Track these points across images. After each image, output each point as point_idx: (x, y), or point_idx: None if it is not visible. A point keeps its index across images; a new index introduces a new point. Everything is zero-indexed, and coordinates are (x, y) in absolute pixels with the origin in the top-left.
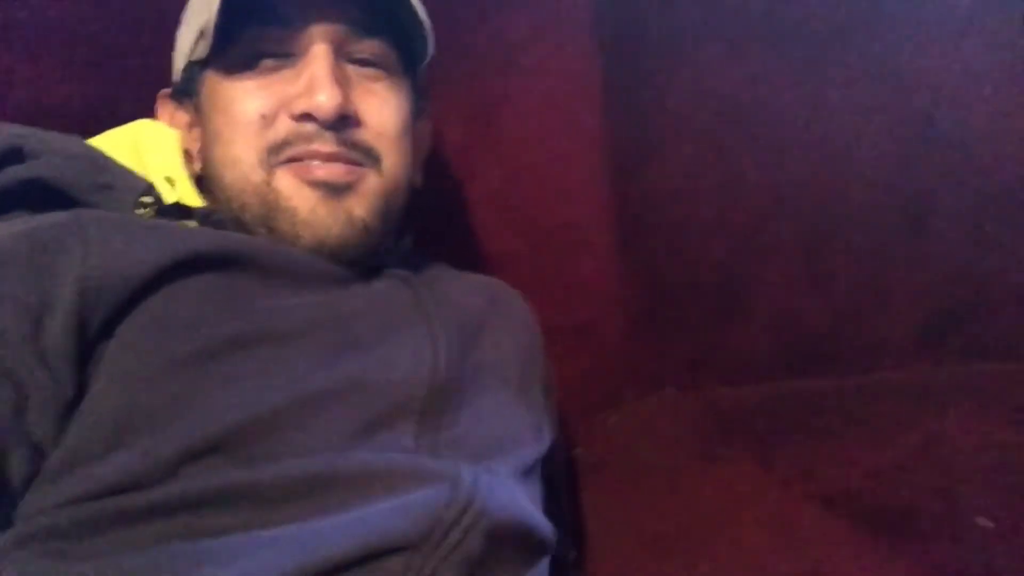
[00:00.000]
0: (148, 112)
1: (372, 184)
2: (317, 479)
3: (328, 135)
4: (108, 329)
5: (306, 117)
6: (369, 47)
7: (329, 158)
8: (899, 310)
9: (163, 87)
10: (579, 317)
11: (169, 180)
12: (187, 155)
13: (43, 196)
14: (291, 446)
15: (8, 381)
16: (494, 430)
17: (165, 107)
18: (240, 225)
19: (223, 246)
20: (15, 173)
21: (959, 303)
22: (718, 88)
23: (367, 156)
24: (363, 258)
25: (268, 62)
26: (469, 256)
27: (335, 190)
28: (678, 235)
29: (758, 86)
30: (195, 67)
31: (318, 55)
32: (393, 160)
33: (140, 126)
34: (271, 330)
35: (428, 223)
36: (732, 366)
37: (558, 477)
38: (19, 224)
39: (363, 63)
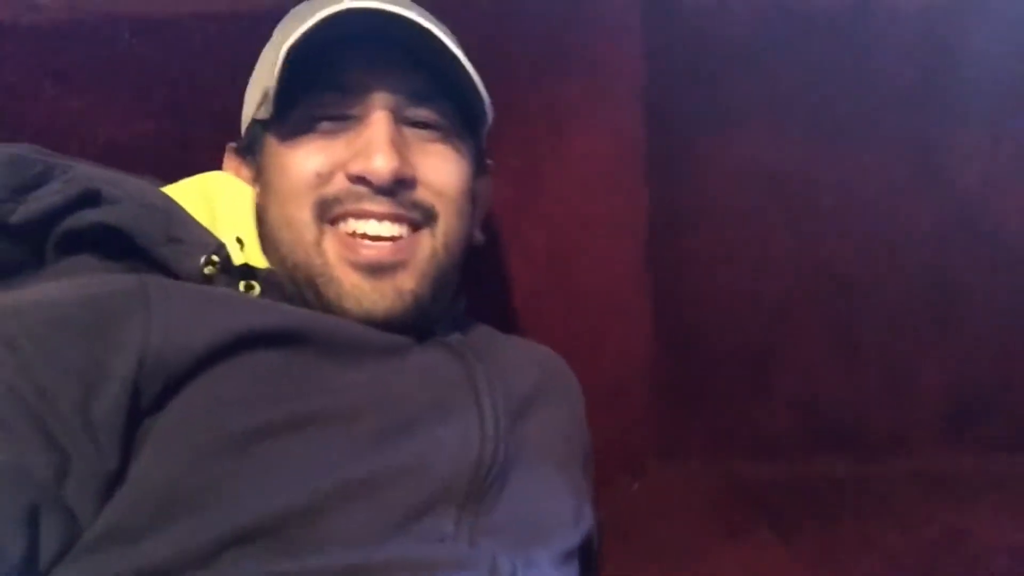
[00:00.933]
0: (221, 155)
1: (424, 251)
2: (357, 571)
3: (382, 198)
4: (161, 402)
5: (360, 179)
6: (427, 112)
7: (383, 218)
8: (926, 397)
9: (236, 133)
10: (608, 380)
11: (239, 240)
12: (257, 211)
13: (112, 240)
14: (333, 534)
15: (53, 449)
16: (534, 515)
17: (231, 161)
18: (295, 286)
19: (281, 323)
20: (89, 216)
21: (986, 393)
22: (759, 165)
23: (424, 215)
24: (414, 324)
25: (327, 124)
26: (506, 313)
27: (381, 270)
28: (711, 307)
29: (798, 165)
30: (258, 126)
31: (377, 120)
32: (449, 220)
33: (214, 179)
34: (322, 412)
35: (469, 277)
36: (757, 442)
37: (594, 557)
38: (83, 281)
39: (422, 126)
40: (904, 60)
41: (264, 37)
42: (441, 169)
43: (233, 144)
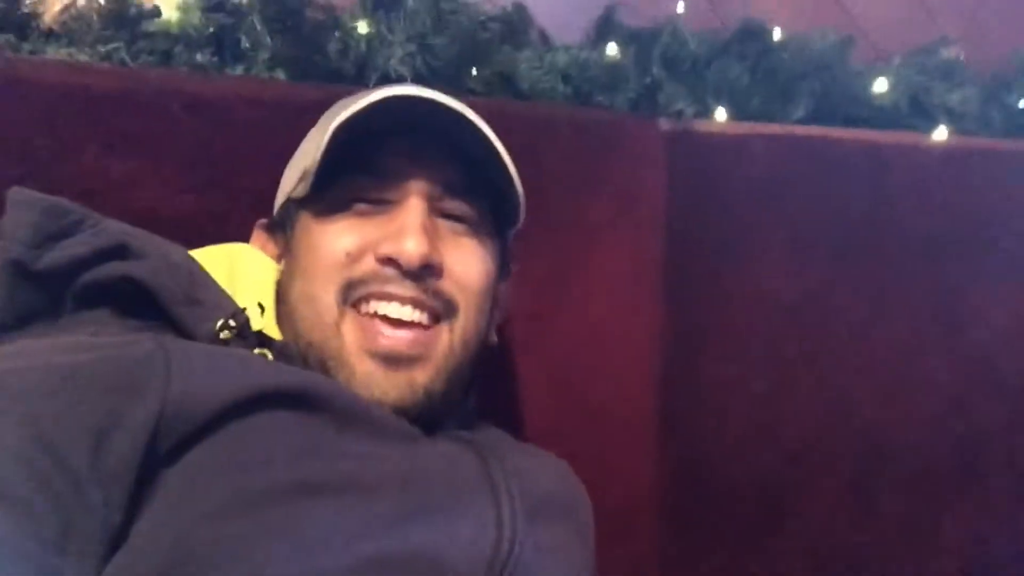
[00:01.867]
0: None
1: (442, 346)
2: None
3: (408, 283)
4: (176, 456)
5: (390, 261)
6: (461, 206)
7: (407, 302)
8: (945, 556)
9: (271, 214)
10: (613, 505)
11: (261, 306)
12: (279, 286)
13: (131, 297)
14: None
15: (57, 513)
16: None
17: (259, 237)
18: (306, 364)
19: (301, 384)
20: (115, 268)
21: (1009, 554)
22: (777, 296)
23: (445, 307)
24: (422, 418)
25: (362, 206)
26: (517, 421)
27: (396, 361)
28: (724, 438)
29: (817, 300)
30: (292, 204)
31: (412, 207)
32: (470, 316)
33: (239, 249)
34: (339, 480)
35: (484, 380)
36: None
37: None
38: (97, 338)
39: (454, 219)
40: (922, 208)
41: (306, 127)
42: (468, 263)
43: (263, 221)
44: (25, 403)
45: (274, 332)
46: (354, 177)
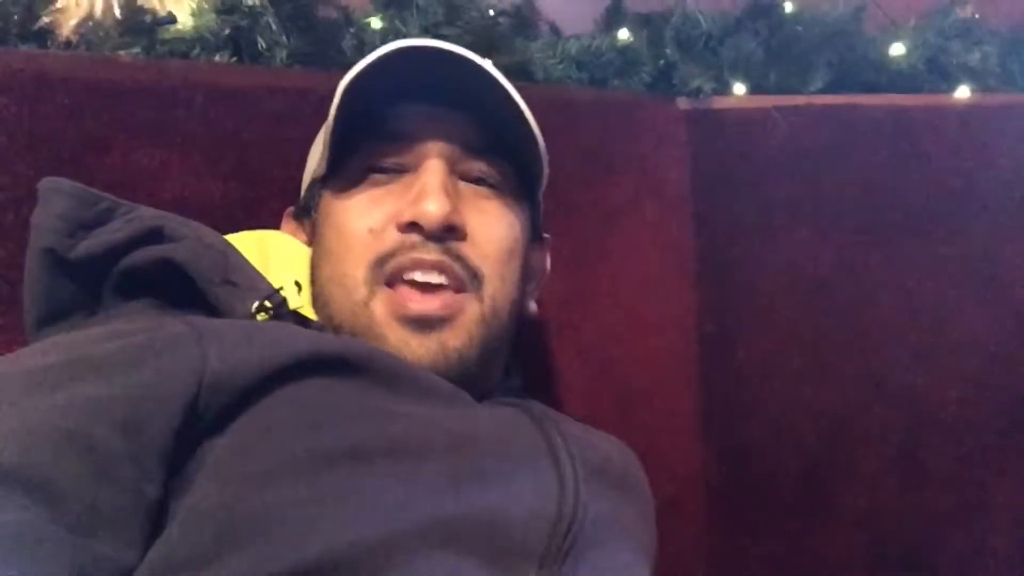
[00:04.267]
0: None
1: (471, 314)
2: None
3: (432, 245)
4: (219, 427)
5: (412, 226)
6: (482, 166)
7: (432, 266)
8: (998, 517)
9: (297, 201)
10: (659, 492)
11: (298, 284)
12: (311, 269)
13: (170, 283)
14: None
15: (83, 490)
16: None
17: (288, 225)
18: None
19: (344, 349)
20: (151, 252)
21: None
22: (808, 271)
23: (470, 276)
24: (465, 384)
25: (380, 177)
26: (559, 407)
27: (428, 324)
28: (764, 418)
29: (848, 271)
30: (315, 185)
31: (430, 167)
32: (497, 285)
33: (272, 234)
34: (393, 443)
35: (523, 370)
36: (819, 565)
37: None
38: (139, 325)
39: (476, 181)
40: (948, 169)
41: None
42: (492, 227)
43: (292, 208)
44: (55, 393)
45: (309, 313)
46: (369, 144)
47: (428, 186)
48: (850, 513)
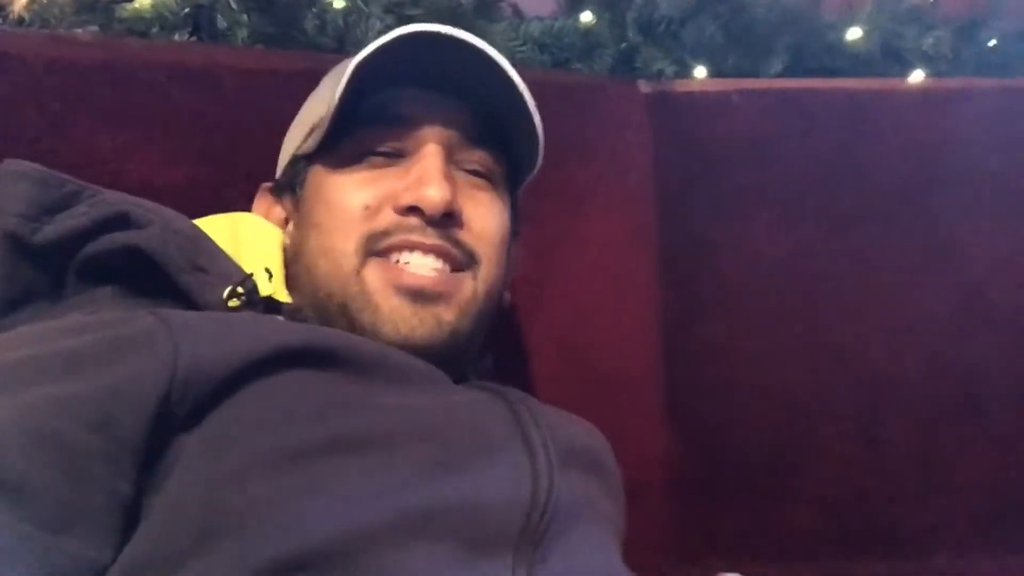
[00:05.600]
0: (248, 205)
1: (466, 291)
2: None
3: (431, 230)
4: (192, 422)
5: (412, 210)
6: (478, 156)
7: (430, 250)
8: (956, 493)
9: (264, 183)
10: (627, 473)
11: (268, 272)
12: (284, 251)
13: (136, 269)
14: (388, 567)
15: (55, 488)
16: (593, 574)
17: (263, 200)
18: (324, 321)
19: (319, 340)
20: (116, 239)
21: (1016, 489)
22: (768, 255)
23: (468, 257)
24: (450, 363)
25: (377, 159)
26: (529, 390)
27: (424, 297)
28: (728, 399)
29: (810, 253)
30: (301, 161)
31: (429, 153)
32: (490, 268)
33: (241, 217)
34: (368, 434)
35: (496, 354)
36: (783, 543)
37: None
38: (109, 318)
39: (470, 172)
40: (904, 151)
41: (297, 95)
42: (486, 216)
43: (268, 184)
44: (24, 390)
45: (283, 297)
46: (367, 127)
47: (429, 171)
48: (813, 491)
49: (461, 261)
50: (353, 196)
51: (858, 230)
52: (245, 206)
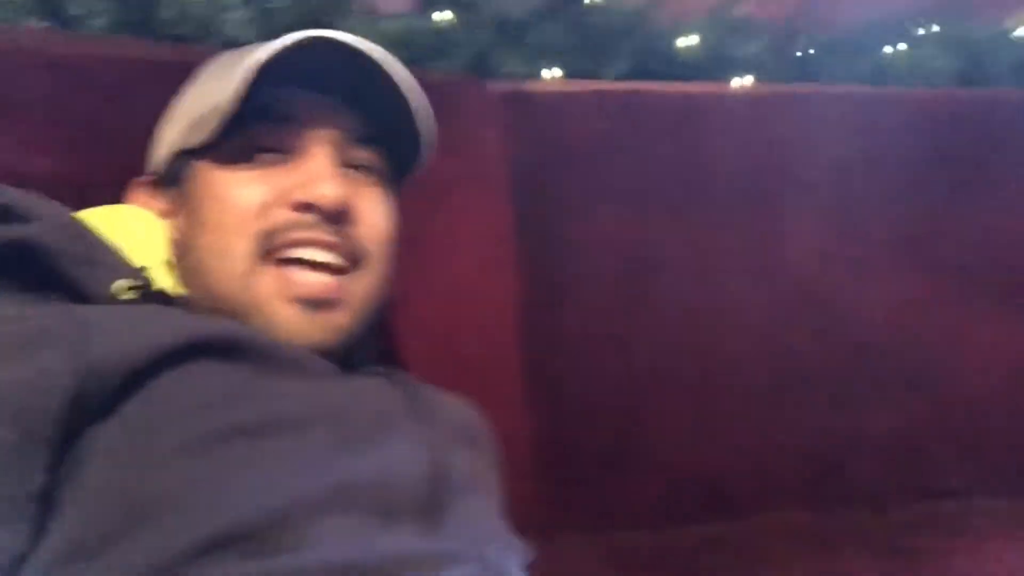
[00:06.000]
0: (115, 199)
1: (359, 291)
2: (348, 569)
3: (326, 227)
4: (107, 413)
5: (307, 207)
6: (365, 155)
7: (326, 246)
8: (782, 458)
9: (138, 173)
10: None
11: (167, 264)
12: (172, 245)
13: (27, 263)
14: (308, 539)
15: None
16: (492, 537)
17: (140, 194)
18: (217, 315)
19: (224, 333)
20: (10, 233)
21: (833, 453)
22: (614, 246)
23: (360, 255)
24: (341, 357)
25: (266, 156)
26: None
27: (317, 305)
28: (581, 382)
29: (650, 247)
30: (184, 156)
31: (321, 152)
32: (382, 265)
33: (123, 209)
34: (279, 418)
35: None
36: (632, 512)
37: None
38: (11, 313)
39: (359, 168)
40: (736, 150)
41: (167, 88)
42: (377, 213)
43: (144, 178)
44: None
45: (175, 290)
46: (256, 125)
47: (322, 169)
48: (657, 463)
49: (355, 258)
50: (246, 193)
51: (695, 223)
52: (117, 196)
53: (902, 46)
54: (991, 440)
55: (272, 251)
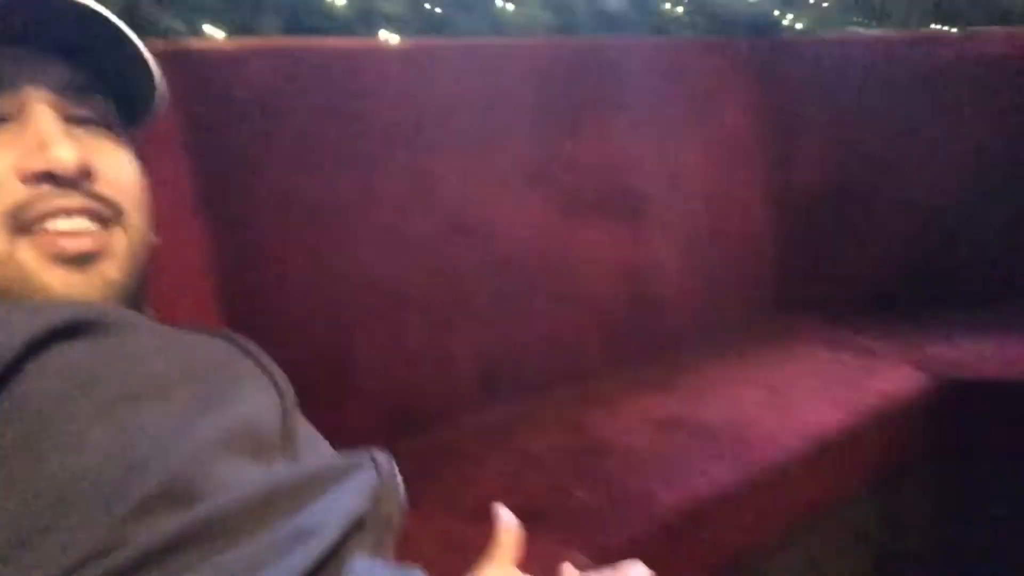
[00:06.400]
0: None
1: (121, 246)
2: (272, 494)
3: (70, 192)
4: None
5: (44, 176)
6: (88, 107)
7: (76, 212)
8: (460, 366)
9: None
10: None
11: None
12: None
13: None
14: (214, 483)
15: None
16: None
17: None
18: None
19: (77, 311)
20: None
21: (497, 360)
22: (299, 197)
23: (113, 211)
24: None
25: None
26: None
27: (84, 260)
28: (280, 327)
29: (329, 195)
30: None
31: (40, 113)
32: (137, 216)
33: None
34: (149, 381)
35: None
36: (340, 443)
37: None
38: None
39: (84, 121)
40: (391, 100)
41: None
42: (118, 165)
43: None
44: None
45: None
46: None
47: (48, 133)
48: (360, 393)
49: (107, 216)
50: None
51: (360, 170)
52: None
53: (510, 6)
54: (614, 321)
55: (23, 227)
